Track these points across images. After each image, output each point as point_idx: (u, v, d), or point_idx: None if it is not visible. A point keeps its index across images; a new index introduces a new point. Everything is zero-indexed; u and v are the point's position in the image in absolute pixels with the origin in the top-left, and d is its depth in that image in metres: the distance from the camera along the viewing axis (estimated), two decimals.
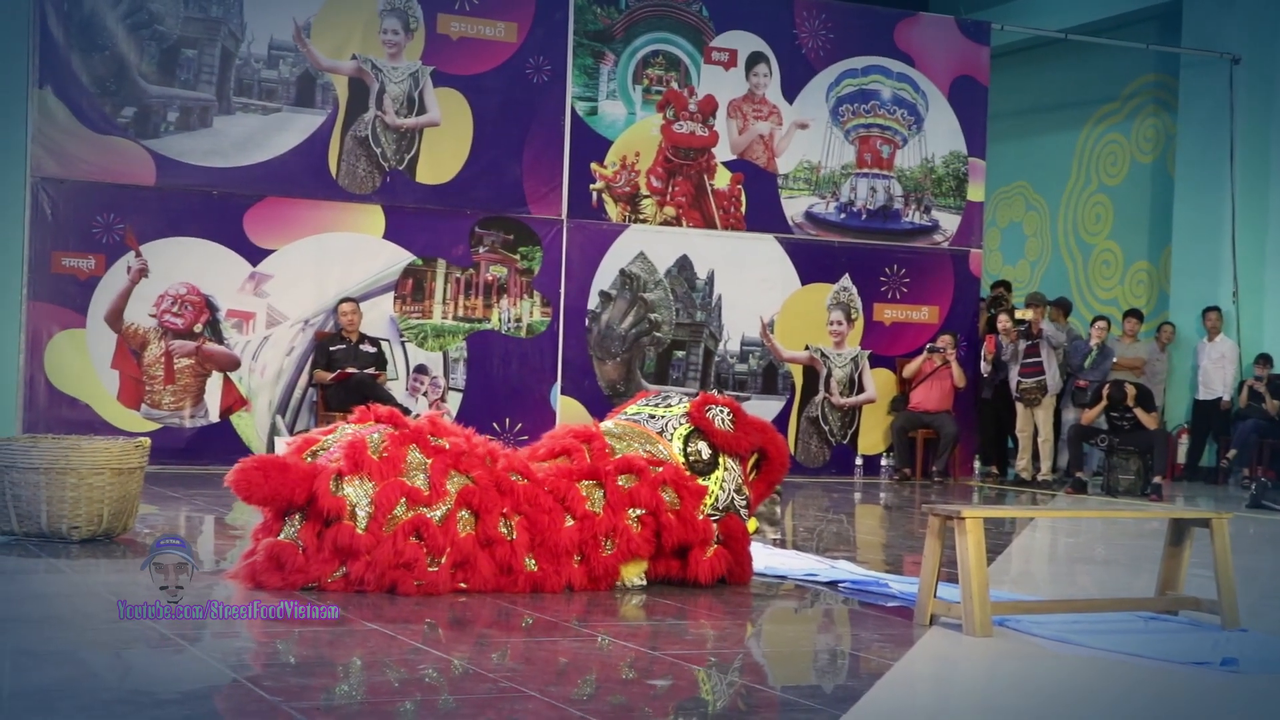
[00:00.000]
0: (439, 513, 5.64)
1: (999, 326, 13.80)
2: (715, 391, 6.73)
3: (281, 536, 5.61)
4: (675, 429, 6.33)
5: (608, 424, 6.50)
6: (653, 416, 6.48)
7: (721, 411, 6.37)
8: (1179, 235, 15.58)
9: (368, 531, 5.55)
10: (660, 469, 6.11)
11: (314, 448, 5.84)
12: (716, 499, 6.20)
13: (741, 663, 4.82)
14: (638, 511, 6.00)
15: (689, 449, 6.26)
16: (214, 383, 11.88)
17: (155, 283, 11.67)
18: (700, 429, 6.30)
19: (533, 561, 5.79)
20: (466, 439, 5.97)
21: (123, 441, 7.14)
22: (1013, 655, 4.90)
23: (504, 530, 5.71)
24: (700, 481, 6.17)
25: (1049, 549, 8.92)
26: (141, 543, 6.97)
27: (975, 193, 14.55)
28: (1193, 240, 15.35)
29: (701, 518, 6.08)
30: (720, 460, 6.27)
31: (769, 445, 6.44)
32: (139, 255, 11.60)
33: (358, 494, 5.60)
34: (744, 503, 6.24)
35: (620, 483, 6.00)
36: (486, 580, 5.67)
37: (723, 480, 6.24)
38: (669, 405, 6.53)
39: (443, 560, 5.60)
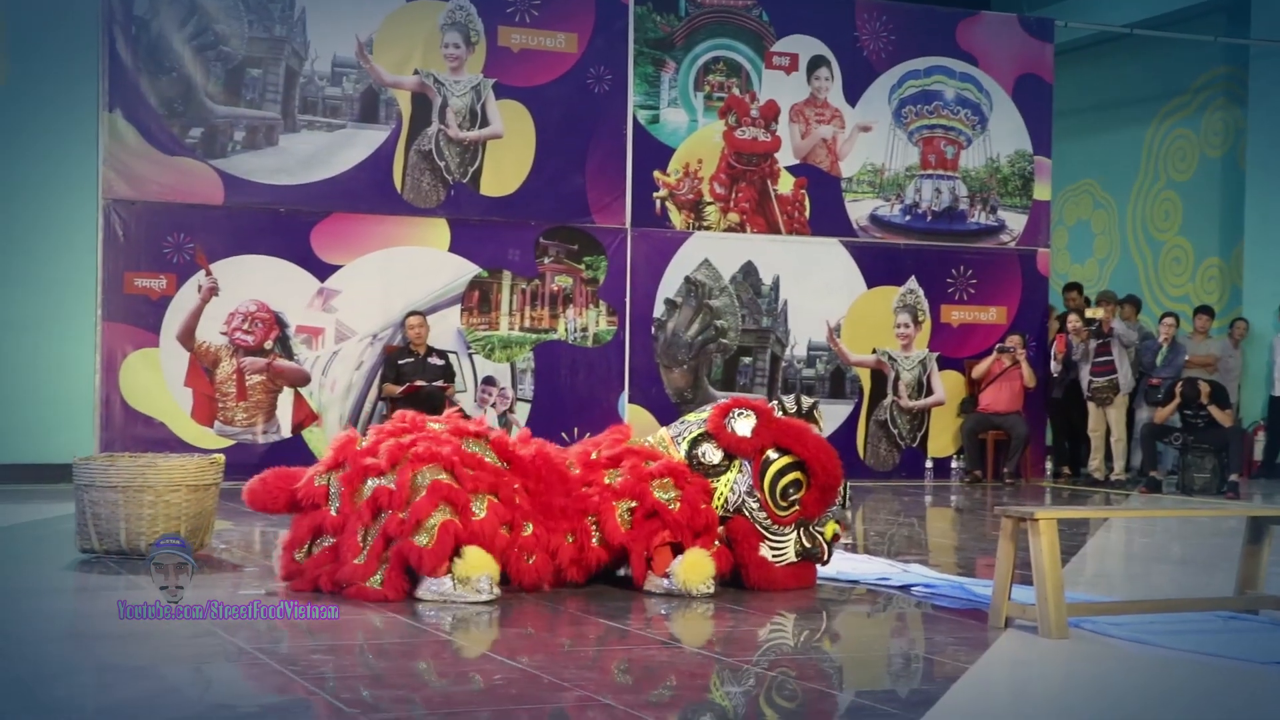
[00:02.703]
0: (392, 478, 5.81)
1: (1069, 325, 13.69)
2: (775, 401, 6.64)
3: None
4: (689, 434, 6.35)
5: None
6: (683, 421, 6.54)
7: (743, 415, 6.34)
8: (1251, 230, 15.40)
9: (339, 513, 5.85)
10: (653, 463, 6.18)
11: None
12: (726, 500, 6.22)
13: (814, 668, 4.82)
14: (628, 504, 6.08)
15: (694, 451, 6.27)
16: (285, 398, 12.00)
17: (225, 301, 11.81)
18: (711, 432, 6.30)
19: (529, 525, 5.94)
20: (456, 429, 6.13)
21: (198, 459, 7.25)
22: (1089, 657, 4.87)
23: (475, 507, 5.80)
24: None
25: (1124, 549, 8.85)
26: (218, 558, 7.06)
27: (1042, 191, 14.45)
28: (1266, 234, 15.16)
29: (704, 507, 6.11)
30: (733, 463, 6.27)
31: (797, 449, 6.26)
32: (209, 274, 11.74)
33: (335, 483, 5.93)
34: (756, 505, 6.20)
35: (607, 480, 6.15)
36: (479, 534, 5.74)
37: (733, 482, 6.24)
38: (701, 412, 6.56)
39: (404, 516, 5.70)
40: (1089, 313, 13.66)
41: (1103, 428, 13.43)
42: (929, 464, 13.86)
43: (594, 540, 6.05)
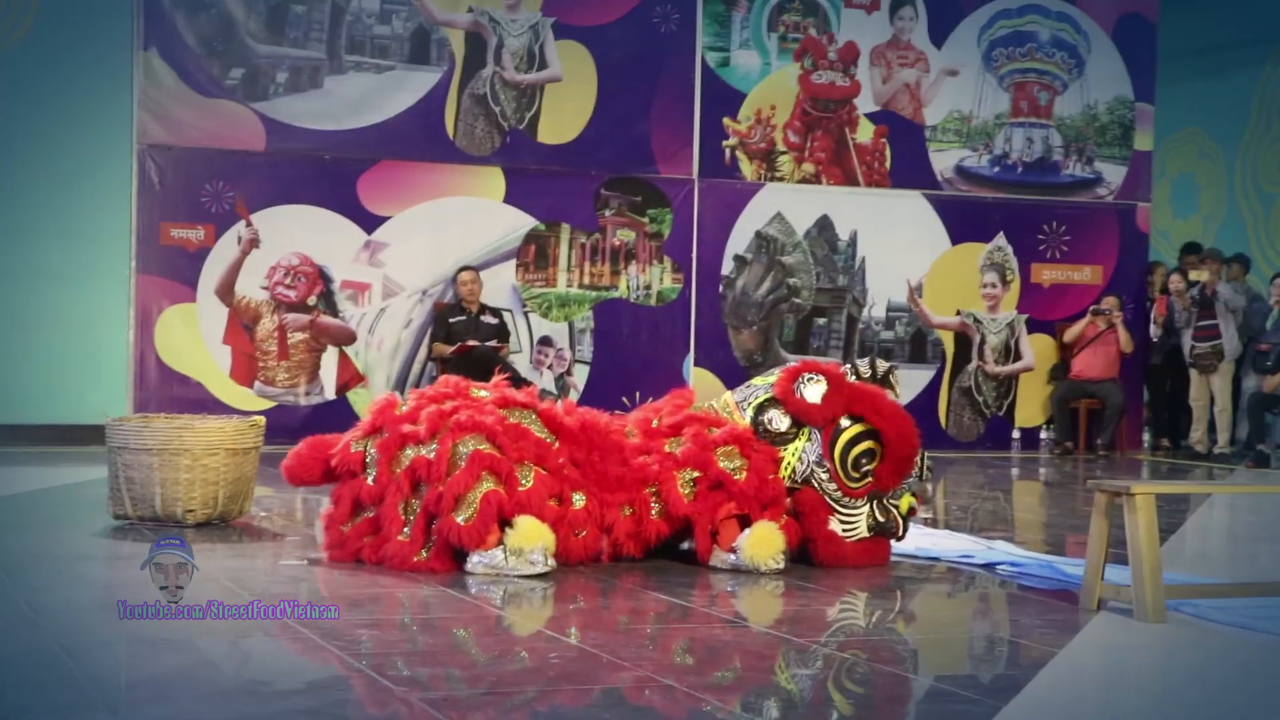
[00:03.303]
0: (432, 449, 5.83)
1: (1170, 287, 13.54)
2: (848, 365, 6.58)
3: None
4: (755, 400, 6.33)
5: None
6: (750, 386, 6.52)
7: (813, 380, 6.31)
8: None
9: (375, 483, 5.91)
10: (716, 430, 6.17)
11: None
12: (794, 470, 6.19)
13: (888, 650, 4.81)
14: (691, 474, 6.07)
15: (760, 417, 6.25)
16: (329, 358, 12.08)
17: (267, 253, 11.88)
18: (778, 398, 6.28)
19: (580, 497, 5.97)
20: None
21: (237, 421, 7.30)
22: (1188, 643, 4.83)
23: (521, 476, 5.82)
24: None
25: (1228, 528, 8.77)
26: (258, 526, 7.13)
27: (1143, 141, 14.27)
28: None
29: (771, 478, 6.10)
30: (802, 431, 6.24)
31: (871, 417, 6.22)
32: (250, 225, 11.81)
33: (372, 450, 5.98)
34: (826, 476, 6.18)
35: (668, 449, 6.15)
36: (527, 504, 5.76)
37: (801, 451, 6.21)
38: (768, 376, 6.54)
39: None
40: (1192, 274, 13.50)
41: (1205, 397, 13.29)
42: (1016, 434, 13.77)
43: (653, 512, 6.05)
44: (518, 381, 8.25)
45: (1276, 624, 5.02)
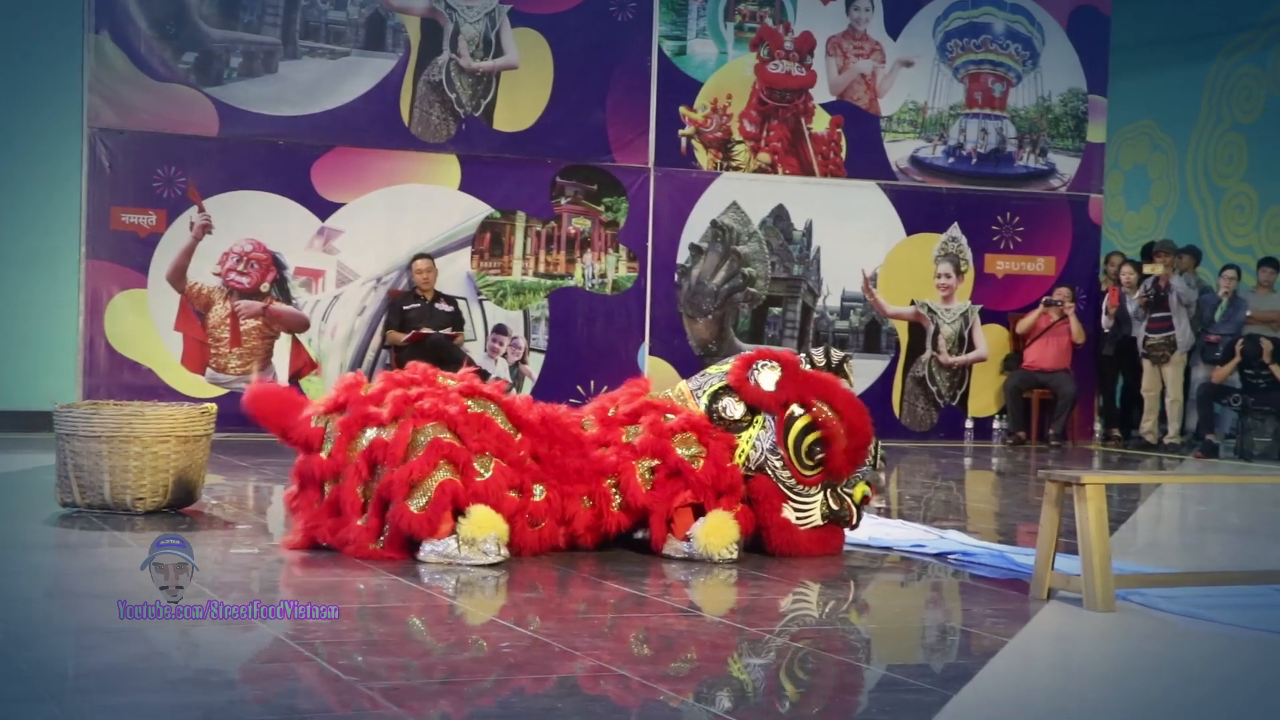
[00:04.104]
0: (391, 431, 5.79)
1: (1122, 279, 13.62)
2: (803, 355, 6.59)
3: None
4: (709, 387, 6.34)
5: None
6: (704, 374, 6.53)
7: (767, 366, 6.32)
8: None
9: (330, 458, 5.86)
10: (673, 418, 6.16)
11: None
12: (748, 458, 6.20)
13: (841, 640, 4.82)
14: (649, 463, 6.06)
15: (715, 405, 6.25)
16: (282, 345, 12.02)
17: (219, 239, 11.81)
18: (732, 385, 6.29)
19: (540, 489, 5.94)
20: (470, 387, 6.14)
21: (188, 408, 7.24)
22: (1138, 632, 4.86)
23: (479, 467, 5.79)
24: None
25: (1177, 517, 8.83)
26: (209, 515, 7.08)
27: (1096, 133, 14.36)
28: None
29: (729, 465, 6.11)
30: (756, 419, 6.25)
31: (832, 401, 6.25)
32: (202, 210, 11.74)
33: (333, 426, 5.93)
34: (780, 464, 6.18)
35: (626, 438, 6.14)
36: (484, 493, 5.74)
37: (756, 439, 6.22)
38: (723, 364, 6.54)
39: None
40: (1146, 268, 13.58)
41: (1157, 387, 13.39)
42: (969, 424, 13.84)
43: (614, 505, 6.04)
44: (484, 376, 8.21)
45: (1224, 613, 5.06)
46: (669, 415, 6.22)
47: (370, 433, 5.82)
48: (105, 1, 11.53)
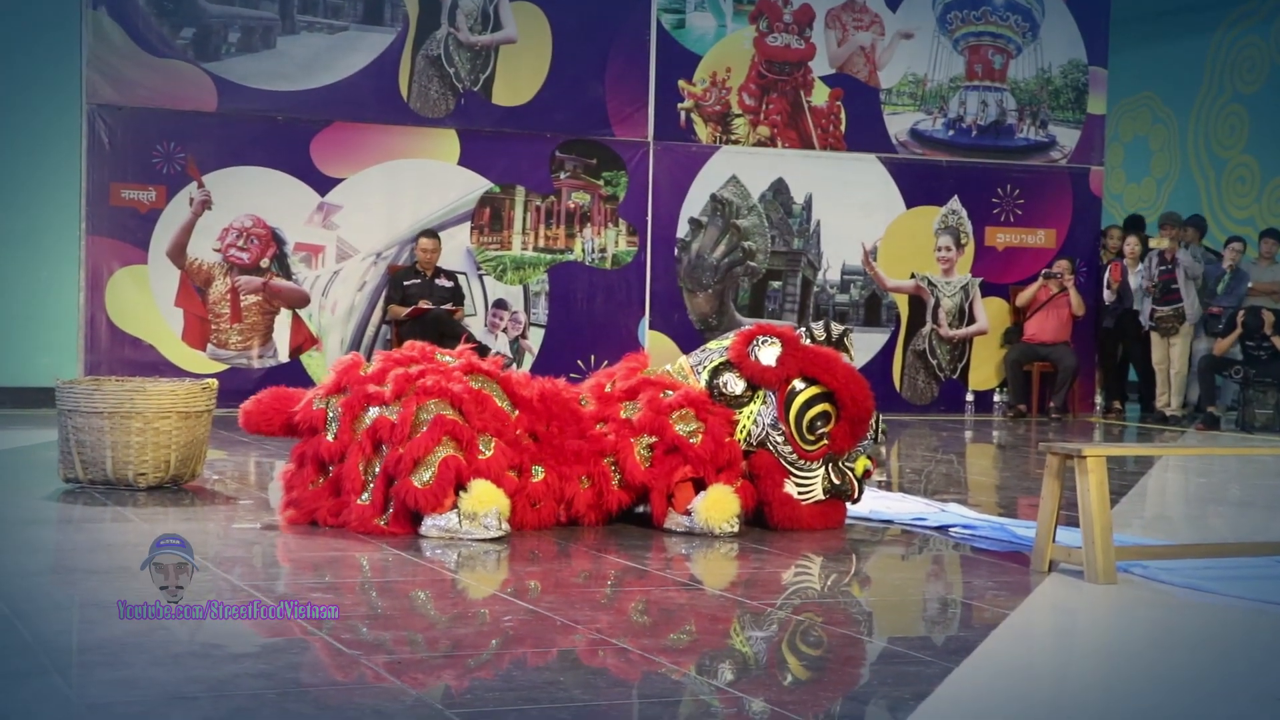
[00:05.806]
0: (395, 411, 5.82)
1: (1125, 251, 13.61)
2: (803, 329, 6.59)
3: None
4: (710, 363, 6.34)
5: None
6: (705, 350, 6.53)
7: (768, 342, 6.32)
8: None
9: (336, 439, 5.89)
10: (671, 394, 6.17)
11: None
12: (749, 433, 6.21)
13: (843, 613, 4.83)
14: (648, 440, 6.07)
15: (715, 380, 6.26)
16: (282, 320, 12.02)
17: (219, 215, 11.81)
18: (733, 361, 6.29)
19: (539, 470, 5.96)
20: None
21: (189, 383, 7.26)
22: (1138, 603, 4.87)
23: (482, 445, 5.81)
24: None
25: (1179, 490, 8.84)
26: (210, 490, 7.10)
27: (1096, 105, 14.33)
28: None
29: (727, 440, 6.12)
30: (757, 394, 6.26)
31: (826, 379, 6.23)
32: (201, 186, 11.73)
33: (335, 408, 5.95)
34: (781, 439, 6.19)
35: (624, 414, 6.15)
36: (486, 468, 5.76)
37: (756, 414, 6.22)
38: (723, 340, 6.54)
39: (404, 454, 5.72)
40: (1152, 242, 13.57)
41: (1168, 360, 13.36)
42: (970, 397, 13.84)
43: (614, 483, 6.06)
44: (484, 351, 8.23)
45: (1225, 585, 5.07)
46: (667, 391, 6.22)
47: (373, 411, 5.83)
48: None
